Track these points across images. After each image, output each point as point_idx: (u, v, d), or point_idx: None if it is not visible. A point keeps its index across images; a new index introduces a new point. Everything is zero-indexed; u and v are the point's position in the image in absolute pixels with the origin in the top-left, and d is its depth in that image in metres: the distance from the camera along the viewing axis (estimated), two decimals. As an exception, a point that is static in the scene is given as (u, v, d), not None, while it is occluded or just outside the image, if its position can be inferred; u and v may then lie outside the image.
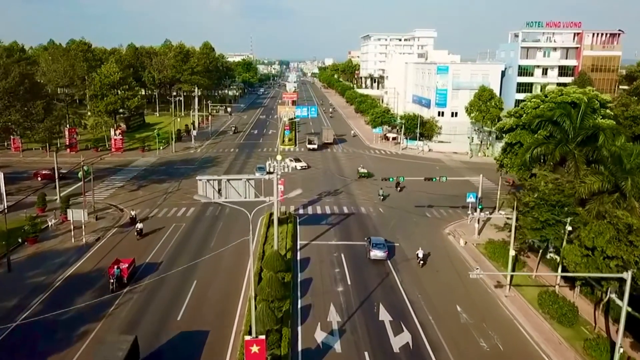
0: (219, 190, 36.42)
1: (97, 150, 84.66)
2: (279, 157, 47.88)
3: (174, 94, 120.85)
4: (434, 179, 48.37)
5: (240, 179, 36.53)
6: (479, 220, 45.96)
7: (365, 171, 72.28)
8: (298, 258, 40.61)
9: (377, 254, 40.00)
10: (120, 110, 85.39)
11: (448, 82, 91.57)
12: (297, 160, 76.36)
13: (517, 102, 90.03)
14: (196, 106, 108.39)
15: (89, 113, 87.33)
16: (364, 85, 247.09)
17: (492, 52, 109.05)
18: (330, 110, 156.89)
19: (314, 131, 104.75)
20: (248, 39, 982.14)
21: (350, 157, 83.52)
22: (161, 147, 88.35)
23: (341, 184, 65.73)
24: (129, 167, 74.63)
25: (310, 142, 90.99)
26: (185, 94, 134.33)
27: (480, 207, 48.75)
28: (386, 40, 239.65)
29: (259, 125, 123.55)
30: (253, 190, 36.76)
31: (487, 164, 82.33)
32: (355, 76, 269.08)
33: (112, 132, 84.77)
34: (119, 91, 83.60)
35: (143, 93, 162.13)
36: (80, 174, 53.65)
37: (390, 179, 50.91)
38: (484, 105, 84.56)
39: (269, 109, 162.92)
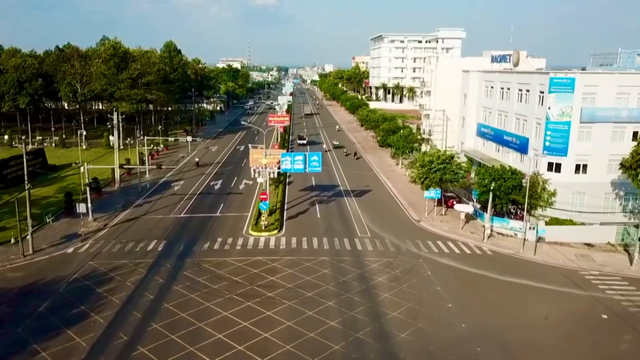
0: None
1: None
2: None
3: (114, 115, 75.63)
4: None
5: None
6: None
7: (338, 143, 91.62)
8: None
9: None
10: None
11: (574, 109, 47.72)
12: None
13: None
14: (117, 142, 63.66)
15: None
16: (374, 97, 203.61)
17: (608, 55, 65.59)
18: (317, 103, 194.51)
19: (306, 132, 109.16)
20: (247, 45, 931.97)
21: (395, 278, 39.02)
22: (12, 240, 44.15)
23: None
24: None
25: (300, 138, 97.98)
26: (139, 114, 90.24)
27: None
28: (402, 42, 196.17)
29: (231, 167, 79.15)
30: None
31: None
32: (364, 85, 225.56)
33: None
34: None
35: (83, 109, 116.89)
36: None
37: None
38: (666, 159, 40.76)
39: (252, 133, 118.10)
